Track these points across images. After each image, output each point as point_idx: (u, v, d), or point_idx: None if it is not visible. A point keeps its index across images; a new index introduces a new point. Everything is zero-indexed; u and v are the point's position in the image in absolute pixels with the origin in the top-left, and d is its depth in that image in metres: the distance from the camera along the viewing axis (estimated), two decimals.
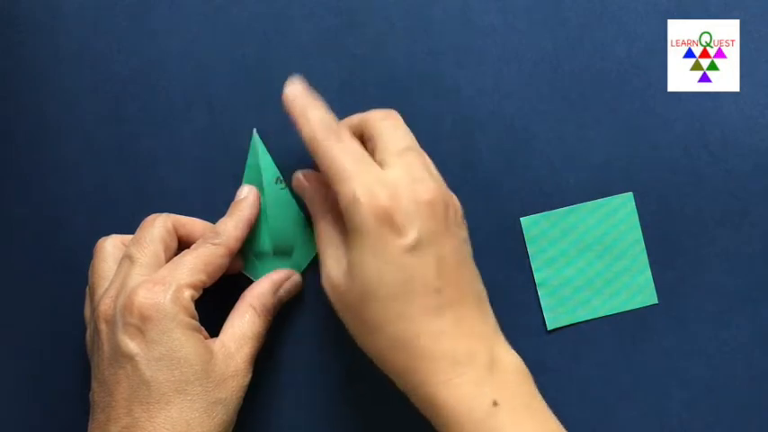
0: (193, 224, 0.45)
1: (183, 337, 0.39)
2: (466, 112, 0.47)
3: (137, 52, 0.47)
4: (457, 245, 0.40)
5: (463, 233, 0.41)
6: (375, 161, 0.41)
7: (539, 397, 0.40)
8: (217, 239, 0.42)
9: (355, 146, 0.41)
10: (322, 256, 0.41)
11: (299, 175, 0.44)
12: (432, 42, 0.47)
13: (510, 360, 0.40)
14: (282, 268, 0.45)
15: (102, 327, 0.40)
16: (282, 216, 0.45)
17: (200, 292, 0.41)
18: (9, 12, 0.48)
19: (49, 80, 0.48)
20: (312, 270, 0.45)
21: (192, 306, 0.40)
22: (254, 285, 0.44)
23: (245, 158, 0.46)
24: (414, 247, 0.38)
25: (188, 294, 0.40)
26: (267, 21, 0.47)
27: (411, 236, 0.38)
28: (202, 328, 0.41)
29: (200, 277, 0.41)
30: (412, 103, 0.47)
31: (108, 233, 0.44)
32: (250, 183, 0.46)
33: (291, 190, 0.46)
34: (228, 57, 0.47)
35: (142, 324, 0.39)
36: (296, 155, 0.46)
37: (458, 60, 0.47)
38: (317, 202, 0.43)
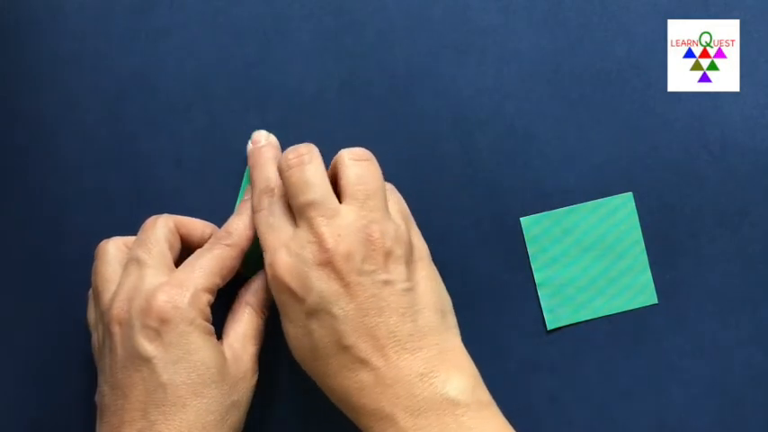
0: (193, 224, 0.45)
1: (200, 341, 0.39)
2: (466, 112, 0.47)
3: (137, 52, 0.47)
4: (369, 294, 0.39)
5: (384, 275, 0.39)
6: None
7: (483, 426, 0.38)
8: (229, 240, 0.42)
9: (274, 210, 0.42)
10: None
11: None
12: (432, 42, 0.47)
13: (444, 396, 0.38)
14: None
15: (116, 329, 0.40)
16: None
17: (215, 295, 0.41)
18: (9, 12, 0.48)
19: (49, 80, 0.48)
20: None
21: (209, 310, 0.41)
22: (248, 283, 0.44)
23: (245, 158, 0.46)
24: (313, 312, 0.39)
25: (205, 298, 0.40)
26: (267, 21, 0.47)
27: (308, 301, 0.39)
28: (214, 332, 0.41)
29: (215, 280, 0.41)
30: (412, 103, 0.47)
31: (108, 233, 0.44)
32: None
33: None
34: (228, 57, 0.47)
35: (160, 327, 0.39)
36: None
37: (458, 60, 0.47)
38: None
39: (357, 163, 0.41)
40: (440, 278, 0.42)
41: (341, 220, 0.40)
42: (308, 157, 0.41)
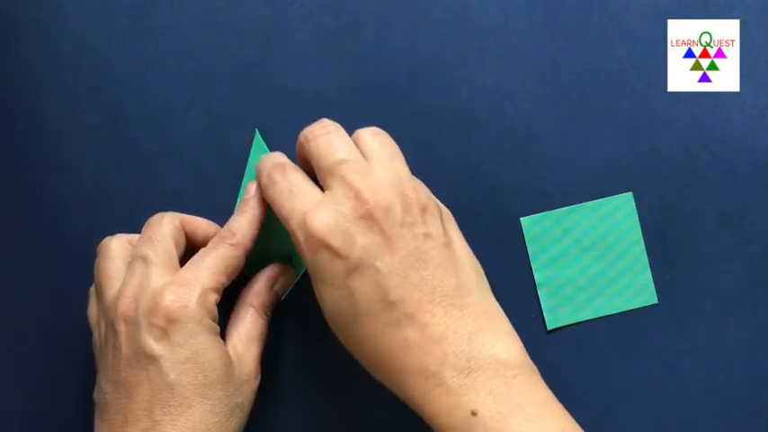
0: (197, 222, 0.45)
1: (207, 341, 0.39)
2: (466, 112, 0.47)
3: (137, 52, 0.47)
4: (412, 247, 0.38)
5: (423, 229, 0.39)
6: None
7: (534, 391, 0.37)
8: (233, 239, 0.42)
9: (292, 179, 0.41)
10: None
11: None
12: (432, 42, 0.47)
13: (494, 356, 0.37)
14: None
15: (121, 327, 0.40)
16: None
17: (221, 294, 0.41)
18: (9, 12, 0.48)
19: (49, 80, 0.48)
20: None
21: (216, 310, 0.41)
22: (250, 284, 0.44)
23: (246, 158, 0.46)
24: (356, 268, 0.38)
25: (213, 298, 0.40)
26: (267, 21, 0.47)
27: (351, 257, 0.38)
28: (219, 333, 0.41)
29: (221, 279, 0.41)
30: (412, 104, 0.47)
31: (108, 233, 0.44)
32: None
33: None
34: (228, 57, 0.47)
35: (168, 326, 0.39)
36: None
37: (458, 60, 0.47)
38: None
39: (375, 136, 0.42)
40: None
41: (375, 176, 0.39)
42: (332, 127, 0.41)
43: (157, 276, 0.40)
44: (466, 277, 0.39)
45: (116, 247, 0.43)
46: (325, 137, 0.41)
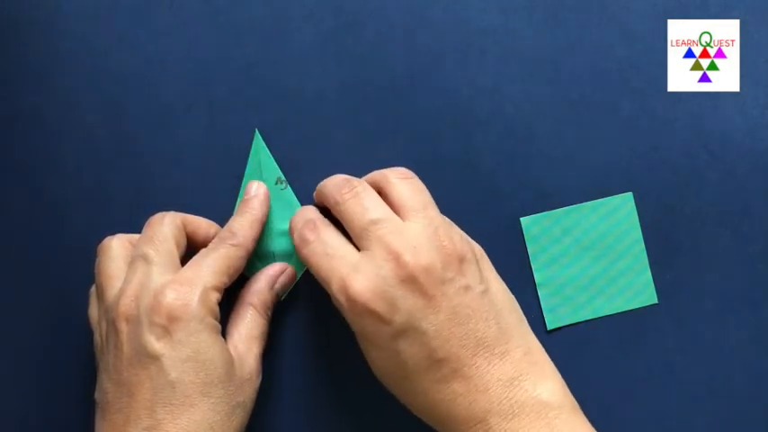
0: (198, 222, 0.45)
1: (209, 340, 0.39)
2: (466, 112, 0.47)
3: (137, 52, 0.47)
4: (454, 304, 0.38)
5: (462, 281, 0.39)
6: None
7: (576, 430, 0.38)
8: (234, 240, 0.42)
9: (325, 237, 0.41)
10: None
11: None
12: (432, 42, 0.47)
13: (537, 398, 0.38)
14: None
15: (123, 327, 0.40)
16: (284, 217, 0.45)
17: (222, 293, 0.41)
18: (9, 12, 0.48)
19: (48, 80, 0.48)
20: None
21: (218, 309, 0.41)
22: (250, 283, 0.44)
23: (246, 158, 0.46)
24: (402, 332, 0.38)
25: (214, 297, 0.40)
26: (267, 21, 0.47)
27: (395, 322, 0.38)
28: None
29: (223, 279, 0.41)
30: (412, 103, 0.47)
31: (108, 233, 0.44)
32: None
33: (293, 190, 0.46)
34: (228, 57, 0.47)
35: (169, 325, 0.39)
36: (297, 155, 0.46)
37: (458, 60, 0.47)
38: None
39: (404, 180, 0.42)
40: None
41: (410, 232, 0.39)
42: (361, 188, 0.41)
43: (159, 275, 0.40)
44: (504, 322, 0.40)
45: (117, 247, 0.43)
46: (355, 199, 0.41)
